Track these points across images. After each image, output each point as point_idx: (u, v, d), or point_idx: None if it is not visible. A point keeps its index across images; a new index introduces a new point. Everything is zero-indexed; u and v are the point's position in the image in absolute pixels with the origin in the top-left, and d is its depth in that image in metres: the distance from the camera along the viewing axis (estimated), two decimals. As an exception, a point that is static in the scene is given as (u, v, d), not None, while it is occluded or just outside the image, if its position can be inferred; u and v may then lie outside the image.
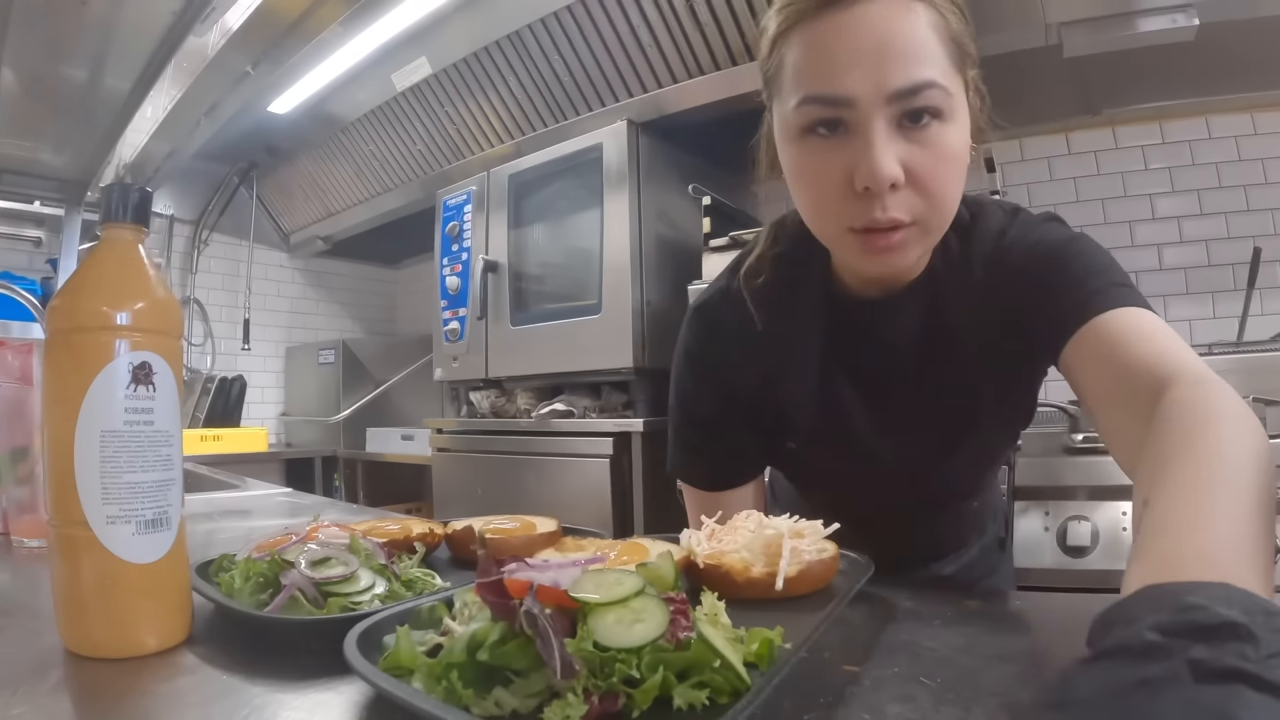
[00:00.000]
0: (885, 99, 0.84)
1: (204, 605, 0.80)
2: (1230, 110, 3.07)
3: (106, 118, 2.61)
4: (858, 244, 0.92)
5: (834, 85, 0.85)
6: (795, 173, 0.94)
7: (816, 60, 0.87)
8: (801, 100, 0.88)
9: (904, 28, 0.84)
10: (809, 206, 0.96)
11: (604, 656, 0.53)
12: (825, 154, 0.89)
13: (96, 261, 0.74)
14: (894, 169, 0.85)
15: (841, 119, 0.87)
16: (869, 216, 0.88)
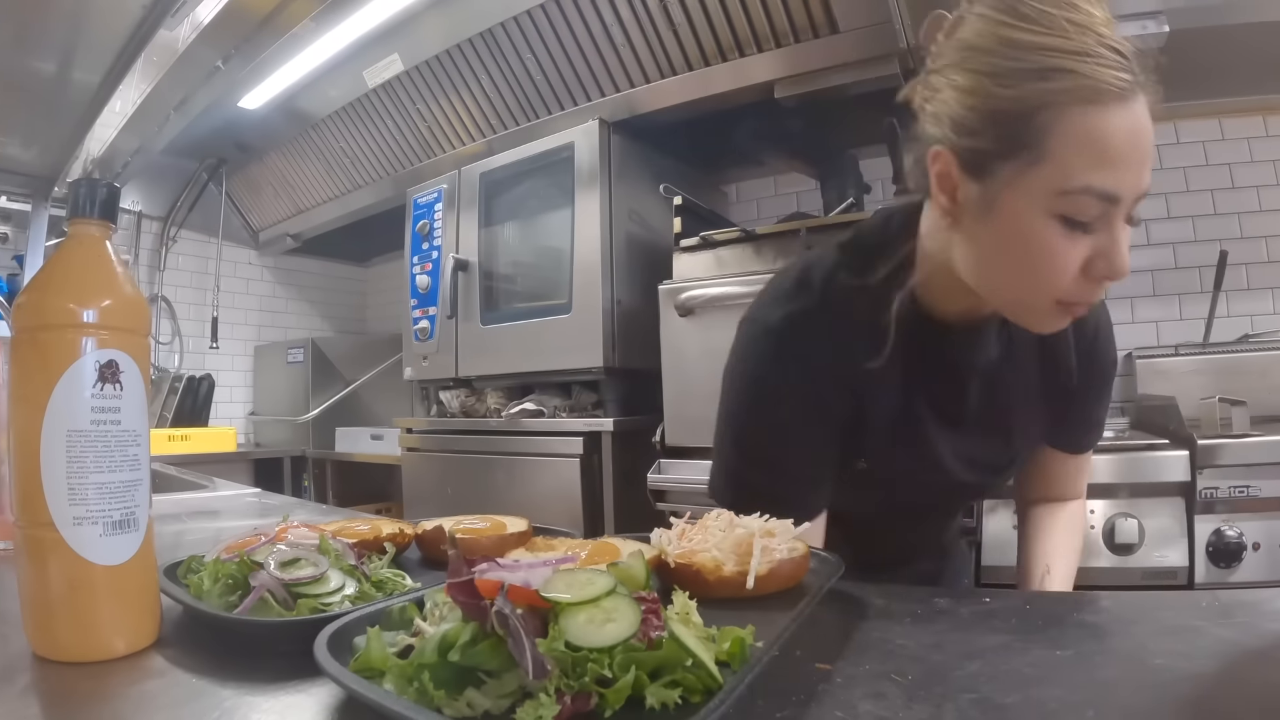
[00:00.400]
0: (1135, 200, 0.91)
1: (173, 607, 0.79)
2: (1198, 116, 3.11)
3: (75, 112, 2.58)
4: (1057, 312, 0.98)
5: (1114, 183, 0.88)
6: (1036, 247, 0.93)
7: (1105, 153, 0.88)
8: (1081, 189, 0.88)
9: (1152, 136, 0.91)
10: (1032, 276, 0.96)
11: (576, 656, 0.53)
12: (1075, 239, 0.91)
13: (63, 258, 0.74)
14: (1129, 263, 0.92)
15: (1103, 213, 0.90)
16: (1091, 297, 0.95)
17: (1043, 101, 0.87)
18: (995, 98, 0.91)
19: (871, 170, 3.30)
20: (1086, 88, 0.86)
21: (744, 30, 2.76)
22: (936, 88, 0.98)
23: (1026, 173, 0.90)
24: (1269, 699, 0.61)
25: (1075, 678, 0.64)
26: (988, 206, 0.95)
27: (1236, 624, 0.75)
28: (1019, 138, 0.90)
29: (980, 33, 0.93)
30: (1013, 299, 1.02)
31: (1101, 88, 0.86)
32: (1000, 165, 0.92)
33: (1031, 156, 0.89)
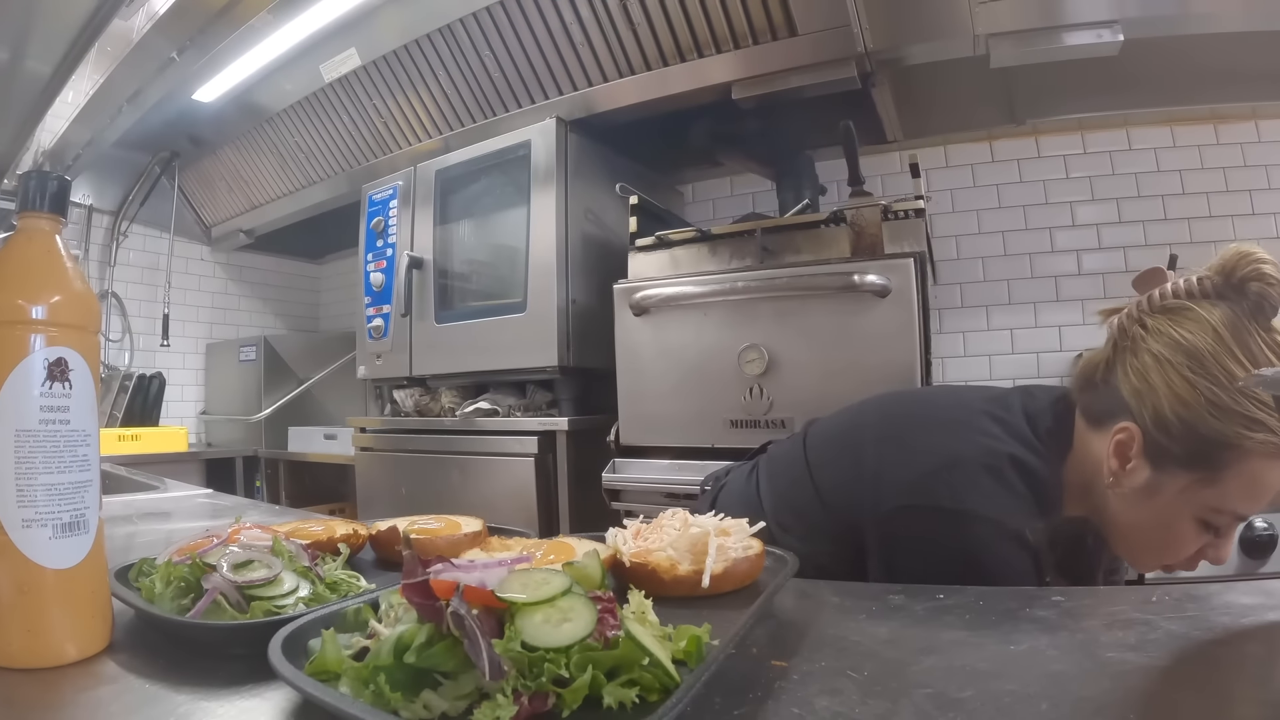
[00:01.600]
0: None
1: (124, 611, 0.78)
2: (1150, 123, 3.17)
3: (25, 102, 2.54)
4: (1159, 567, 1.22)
5: (1253, 511, 1.09)
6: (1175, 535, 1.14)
7: (1260, 495, 1.06)
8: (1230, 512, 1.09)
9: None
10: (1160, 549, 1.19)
11: (532, 656, 0.53)
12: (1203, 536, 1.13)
13: (11, 252, 0.72)
14: None
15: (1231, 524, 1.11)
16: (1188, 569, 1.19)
17: (1238, 444, 1.03)
18: (1203, 421, 1.05)
19: (827, 172, 3.32)
20: (1273, 446, 1.02)
21: (703, 31, 2.76)
22: (1147, 366, 1.11)
23: (1196, 486, 1.08)
24: (1218, 690, 0.62)
25: (1029, 671, 0.65)
26: (1151, 491, 1.12)
27: (1187, 617, 0.77)
28: (1205, 459, 1.06)
29: (1211, 352, 1.06)
30: (1134, 551, 1.24)
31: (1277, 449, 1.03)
32: (1177, 469, 1.08)
33: (1207, 477, 1.06)
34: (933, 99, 3.18)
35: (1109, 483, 1.16)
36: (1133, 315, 1.17)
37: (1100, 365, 1.21)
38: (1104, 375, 1.19)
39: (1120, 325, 1.18)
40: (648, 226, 2.89)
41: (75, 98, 3.19)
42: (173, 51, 2.80)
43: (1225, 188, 3.08)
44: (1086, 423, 1.22)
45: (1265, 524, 2.04)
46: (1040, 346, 3.28)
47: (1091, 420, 1.21)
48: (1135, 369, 1.13)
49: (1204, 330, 1.07)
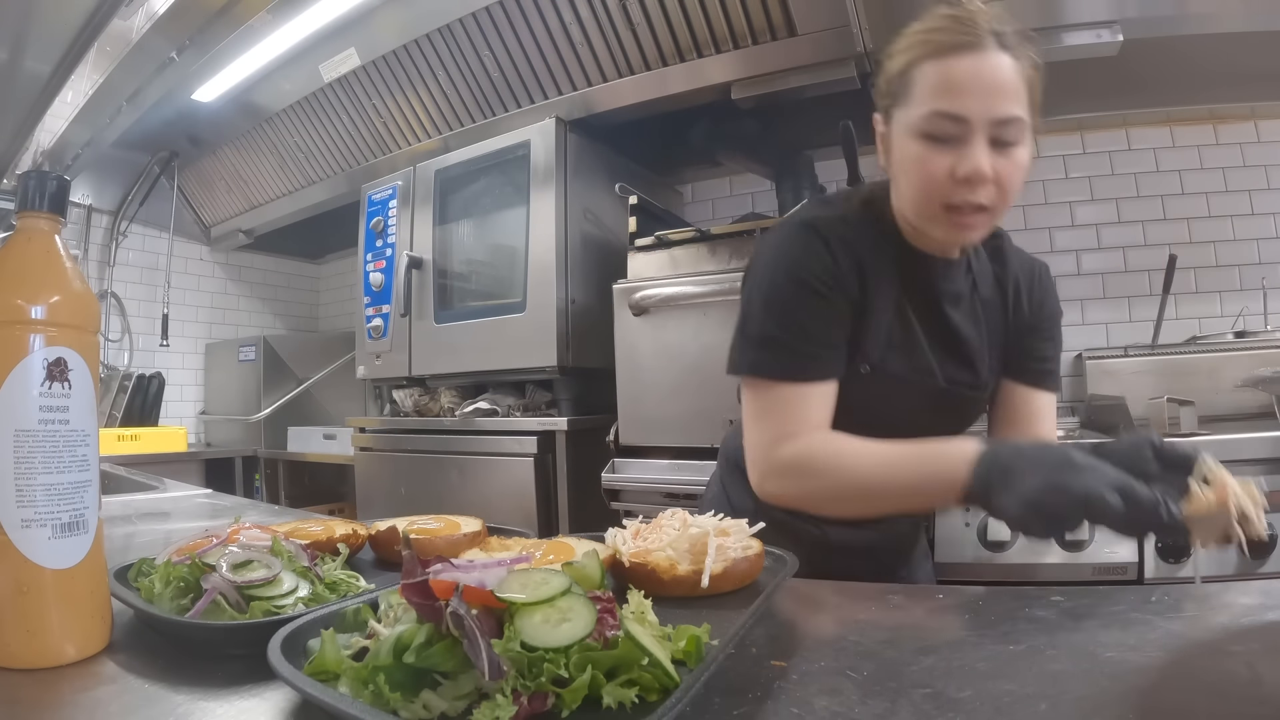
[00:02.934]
0: (990, 122, 1.18)
1: (123, 611, 0.78)
2: (1150, 123, 3.17)
3: (25, 102, 2.53)
4: (949, 219, 1.24)
5: (958, 107, 1.18)
6: (911, 161, 1.24)
7: (947, 87, 1.19)
8: (932, 113, 1.20)
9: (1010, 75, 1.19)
10: (916, 185, 1.26)
11: (532, 656, 0.53)
12: (939, 152, 1.21)
13: (11, 252, 0.72)
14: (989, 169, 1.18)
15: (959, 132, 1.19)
16: (964, 196, 1.21)
17: (911, 61, 1.23)
18: (890, 68, 1.28)
19: (826, 172, 3.32)
20: (935, 46, 1.21)
21: (702, 31, 2.76)
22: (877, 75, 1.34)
23: (903, 110, 1.25)
24: (1218, 690, 0.62)
25: (1028, 671, 0.65)
26: (889, 142, 1.31)
27: (1185, 618, 0.77)
28: (900, 89, 1.26)
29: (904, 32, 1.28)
30: (917, 211, 1.29)
31: (945, 45, 1.19)
32: (894, 111, 1.28)
33: (906, 99, 1.24)
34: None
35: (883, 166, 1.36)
36: None
37: None
38: None
39: None
40: (647, 226, 2.89)
41: (74, 98, 3.19)
42: (172, 51, 2.80)
43: (1225, 188, 3.08)
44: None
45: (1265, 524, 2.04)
46: (1040, 346, 3.26)
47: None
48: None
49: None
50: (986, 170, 1.18)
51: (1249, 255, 3.05)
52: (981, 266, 1.46)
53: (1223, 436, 2.12)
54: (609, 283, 2.77)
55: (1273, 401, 2.28)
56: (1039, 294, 1.53)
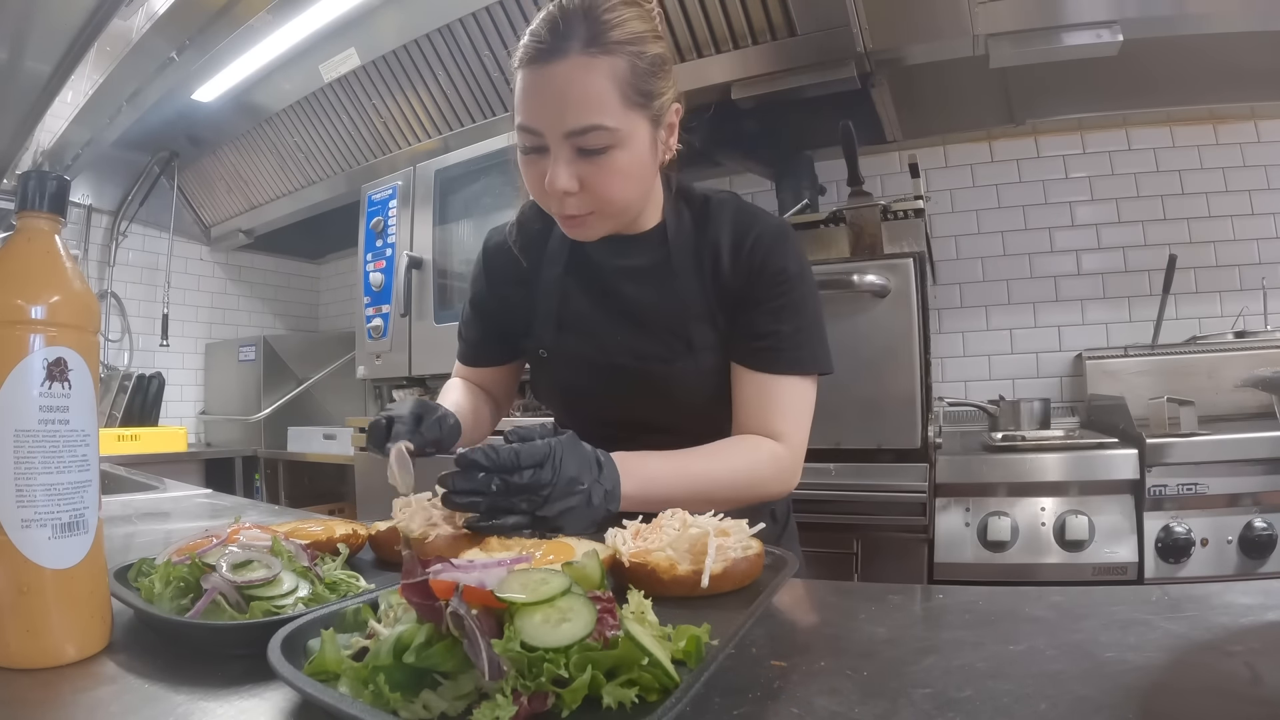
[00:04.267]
0: (567, 133, 1.18)
1: (123, 611, 0.78)
2: (1150, 123, 3.17)
3: (25, 102, 2.53)
4: (567, 223, 1.30)
5: (528, 119, 1.21)
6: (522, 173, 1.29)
7: (522, 101, 1.22)
8: (518, 126, 1.24)
9: (580, 82, 1.17)
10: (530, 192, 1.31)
11: (532, 656, 0.53)
12: (533, 163, 1.25)
13: (11, 252, 0.72)
14: (568, 183, 1.21)
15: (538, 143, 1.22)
16: (558, 209, 1.27)
17: (513, 70, 1.24)
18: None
19: (826, 172, 3.33)
20: (518, 58, 1.21)
21: (702, 31, 2.76)
22: None
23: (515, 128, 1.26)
24: (1217, 690, 0.62)
25: (1028, 671, 0.65)
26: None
27: (1185, 618, 0.77)
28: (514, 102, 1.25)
29: None
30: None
31: (525, 55, 1.19)
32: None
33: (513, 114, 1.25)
34: (932, 99, 3.17)
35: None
36: None
37: None
38: None
39: None
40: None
41: (75, 97, 3.19)
42: (172, 51, 2.80)
43: (1225, 188, 3.08)
44: None
45: (1265, 524, 2.05)
46: (1040, 346, 3.28)
47: None
48: None
49: None
50: (562, 185, 1.20)
51: (1249, 255, 3.06)
52: (683, 234, 1.42)
53: (1223, 436, 2.12)
54: (609, 282, 2.77)
55: (1273, 401, 2.28)
56: (754, 258, 1.37)
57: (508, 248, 1.52)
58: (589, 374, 1.44)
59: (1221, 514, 2.09)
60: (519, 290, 1.52)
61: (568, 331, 1.45)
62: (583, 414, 1.51)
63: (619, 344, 1.41)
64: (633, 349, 1.40)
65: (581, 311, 1.45)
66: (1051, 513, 2.20)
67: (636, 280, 1.41)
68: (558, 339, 1.46)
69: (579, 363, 1.45)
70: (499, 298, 1.56)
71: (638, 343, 1.41)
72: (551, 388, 1.55)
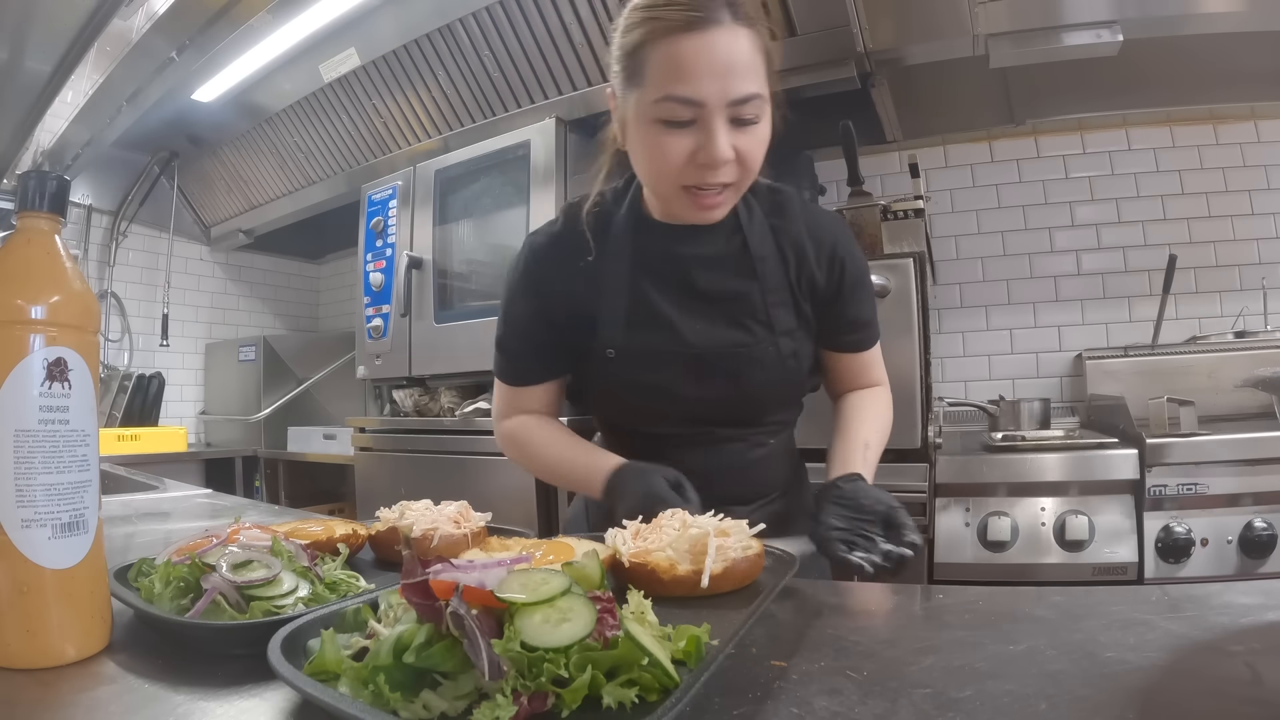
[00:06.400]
0: (727, 103, 1.18)
1: (123, 611, 0.78)
2: (1150, 123, 3.18)
3: (25, 102, 2.53)
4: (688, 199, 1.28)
5: (691, 90, 1.17)
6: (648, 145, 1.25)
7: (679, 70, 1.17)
8: (665, 98, 1.18)
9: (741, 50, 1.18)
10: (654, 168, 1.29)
11: (532, 656, 0.53)
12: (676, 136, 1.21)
13: (11, 252, 0.72)
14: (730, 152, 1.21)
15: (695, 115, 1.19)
16: (703, 179, 1.24)
17: (642, 40, 1.20)
18: (621, 45, 1.25)
19: (826, 172, 3.32)
20: (664, 25, 1.17)
21: (702, 31, 2.76)
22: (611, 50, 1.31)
23: (637, 93, 1.23)
24: (1217, 690, 0.62)
25: (1028, 671, 0.65)
26: (625, 124, 1.30)
27: (1185, 618, 0.77)
28: (633, 69, 1.23)
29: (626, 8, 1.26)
30: (656, 190, 1.37)
31: (674, 24, 1.16)
32: (627, 92, 1.26)
33: (639, 81, 1.22)
34: (932, 99, 3.18)
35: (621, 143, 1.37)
36: None
37: None
38: None
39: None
40: (647, 226, 2.89)
41: (75, 98, 3.19)
42: (172, 51, 2.80)
43: (1225, 188, 3.09)
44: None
45: (1265, 524, 2.05)
46: (1039, 346, 3.28)
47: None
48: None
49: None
50: (727, 154, 1.20)
51: (1249, 255, 3.06)
52: (756, 223, 1.45)
53: (1223, 436, 2.13)
54: (609, 282, 2.77)
55: (1273, 401, 2.28)
56: (837, 259, 1.48)
57: (563, 246, 1.47)
58: (664, 368, 1.43)
59: (1221, 514, 2.10)
60: (582, 287, 1.46)
61: (639, 327, 1.42)
62: (649, 412, 1.49)
63: (698, 333, 1.41)
64: (712, 336, 1.42)
65: (655, 304, 1.42)
66: (1051, 513, 2.20)
67: (713, 268, 1.43)
68: (628, 335, 1.43)
69: (652, 357, 1.42)
70: (558, 300, 1.48)
71: (718, 330, 1.42)
72: (616, 389, 1.50)
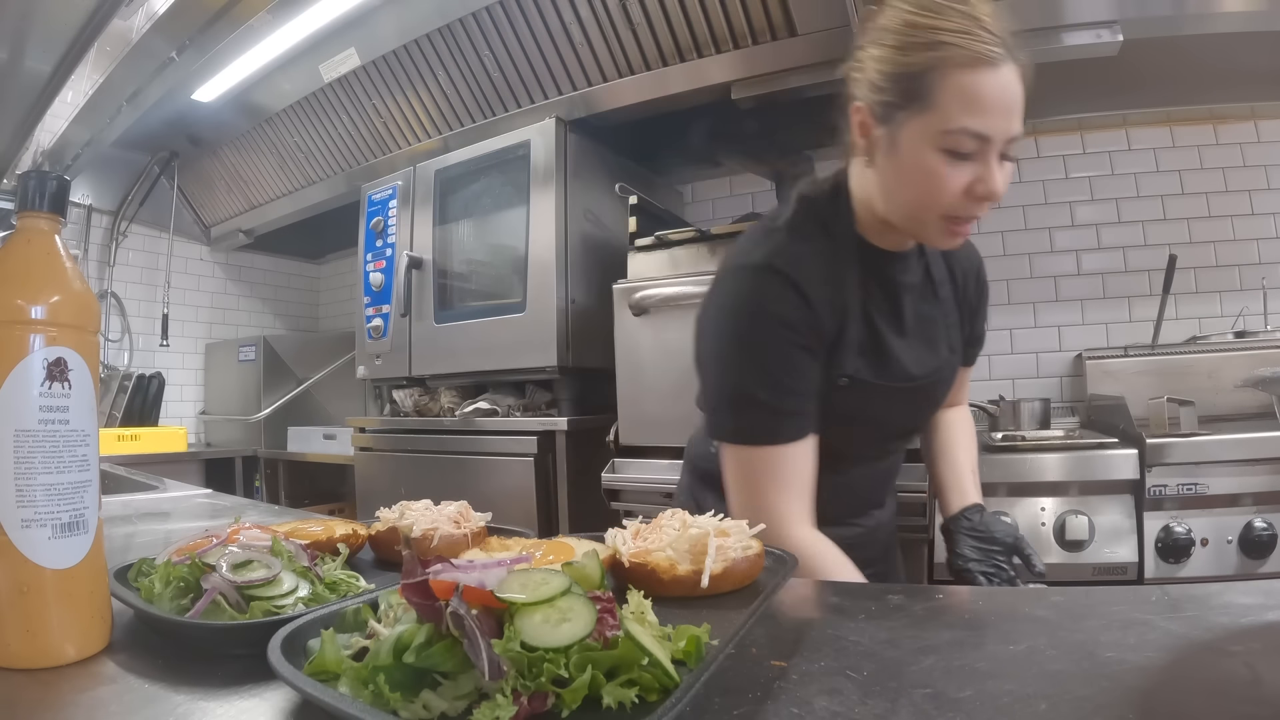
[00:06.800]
0: (1006, 141, 1.18)
1: (123, 611, 0.78)
2: (1150, 124, 3.18)
3: (25, 102, 2.53)
4: (946, 228, 1.26)
5: (984, 126, 1.15)
6: (926, 172, 1.21)
7: (976, 104, 1.15)
8: (959, 130, 1.16)
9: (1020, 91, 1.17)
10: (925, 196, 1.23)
11: (532, 656, 0.53)
12: (958, 167, 1.19)
13: (11, 252, 0.72)
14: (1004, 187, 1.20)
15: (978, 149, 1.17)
16: (973, 213, 1.24)
17: (931, 65, 1.16)
18: (899, 64, 1.20)
19: (826, 172, 3.32)
20: (963, 55, 1.14)
21: (703, 31, 2.76)
22: (860, 60, 1.28)
23: (920, 118, 1.19)
24: (1217, 690, 0.62)
25: (1027, 671, 0.65)
26: (892, 145, 1.24)
27: (1185, 618, 0.76)
28: (914, 92, 1.18)
29: (891, 18, 1.22)
30: (911, 216, 1.29)
31: (975, 56, 1.13)
32: (901, 113, 1.21)
33: (923, 106, 1.18)
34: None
35: (865, 163, 1.32)
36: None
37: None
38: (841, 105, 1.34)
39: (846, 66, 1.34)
40: (647, 226, 2.89)
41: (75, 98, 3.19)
42: (172, 51, 2.80)
43: (1225, 188, 3.09)
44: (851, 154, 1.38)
45: (1265, 524, 2.05)
46: (1039, 346, 3.28)
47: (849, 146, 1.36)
48: (850, 69, 1.31)
49: (887, 13, 1.24)
50: (1002, 190, 1.20)
51: (1249, 255, 3.06)
52: (931, 250, 1.49)
53: (1223, 436, 2.12)
54: (609, 283, 2.78)
55: (1273, 401, 2.28)
56: (982, 274, 1.61)
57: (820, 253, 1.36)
58: (892, 397, 1.43)
59: (1221, 514, 2.10)
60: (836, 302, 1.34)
61: (870, 354, 1.39)
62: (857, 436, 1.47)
63: (917, 363, 1.43)
64: (924, 364, 1.45)
65: (880, 332, 1.39)
66: (1051, 513, 2.20)
67: (915, 295, 1.45)
68: (861, 363, 1.37)
69: (874, 388, 1.39)
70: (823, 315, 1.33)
71: (926, 356, 1.46)
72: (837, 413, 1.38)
